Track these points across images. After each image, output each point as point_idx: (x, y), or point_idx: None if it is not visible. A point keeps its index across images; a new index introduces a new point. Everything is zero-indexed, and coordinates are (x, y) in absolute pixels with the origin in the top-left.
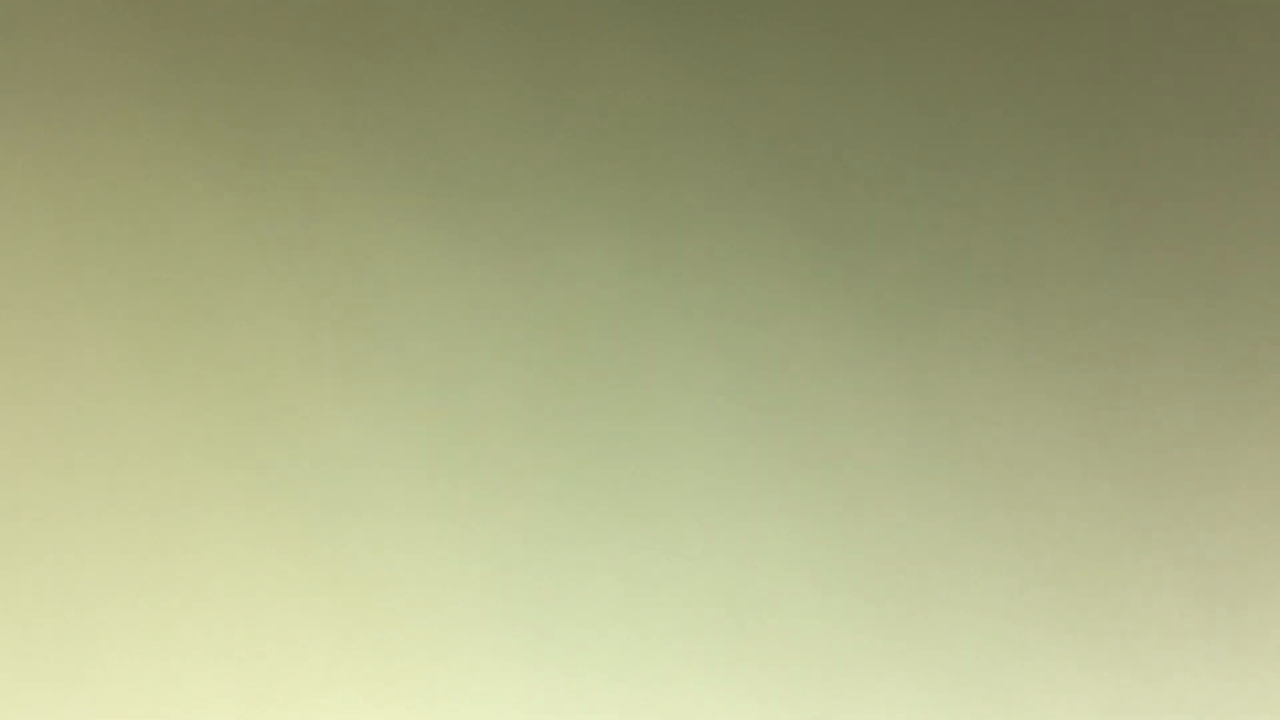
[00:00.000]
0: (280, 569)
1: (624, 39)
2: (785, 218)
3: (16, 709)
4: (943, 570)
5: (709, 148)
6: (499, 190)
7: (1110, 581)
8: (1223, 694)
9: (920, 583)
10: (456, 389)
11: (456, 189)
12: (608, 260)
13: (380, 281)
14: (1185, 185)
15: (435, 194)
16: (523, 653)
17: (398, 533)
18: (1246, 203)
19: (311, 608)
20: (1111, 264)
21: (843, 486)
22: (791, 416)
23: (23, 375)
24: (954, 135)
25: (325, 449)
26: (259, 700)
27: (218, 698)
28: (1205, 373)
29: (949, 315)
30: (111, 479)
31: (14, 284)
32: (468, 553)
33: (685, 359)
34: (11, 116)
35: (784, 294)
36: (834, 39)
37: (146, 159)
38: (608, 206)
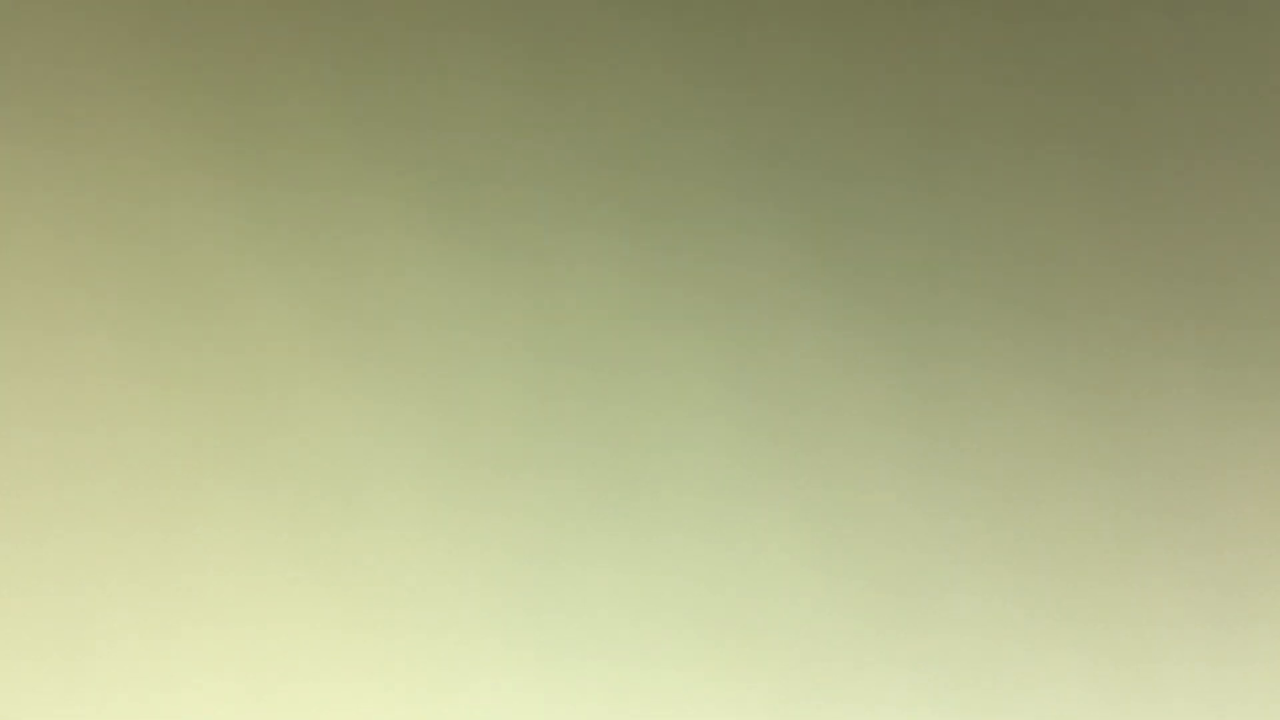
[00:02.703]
0: (281, 564)
1: (624, 34)
2: (786, 211)
3: (18, 709)
4: (944, 563)
5: (709, 142)
6: (499, 186)
7: (1113, 575)
8: (1226, 691)
9: (921, 575)
10: (457, 385)
11: (456, 184)
12: (607, 255)
13: (381, 279)
14: (1190, 178)
15: (435, 190)
16: (524, 644)
17: (399, 528)
18: (1253, 194)
19: (312, 602)
20: (1116, 257)
21: (844, 480)
22: (792, 411)
23: (22, 374)
24: (955, 128)
25: (325, 445)
26: (259, 692)
27: (217, 691)
28: (1209, 366)
29: (950, 309)
30: (112, 476)
31: (12, 283)
32: (468, 548)
33: (685, 353)
34: (10, 115)
35: (785, 287)
36: (835, 33)
37: (144, 160)
38: (607, 202)
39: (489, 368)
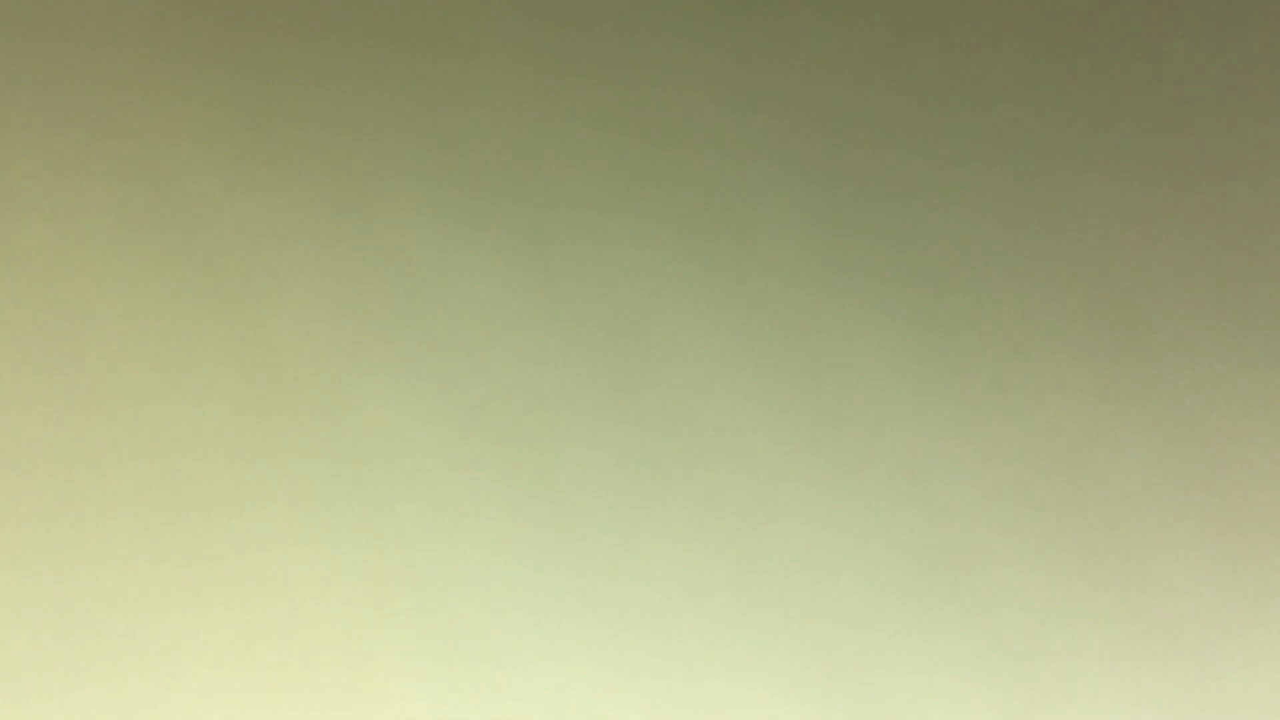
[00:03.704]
0: (308, 560)
1: (660, 12)
2: (821, 197)
3: (42, 707)
4: (985, 536)
5: (744, 121)
6: (526, 181)
7: (1158, 549)
8: (1257, 672)
9: (962, 548)
10: (488, 381)
11: (482, 178)
12: (636, 248)
13: (408, 274)
14: (1222, 169)
15: (460, 184)
16: (556, 640)
17: (427, 525)
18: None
19: (342, 596)
20: (1158, 237)
21: (885, 454)
22: (832, 387)
23: (46, 372)
24: (990, 104)
25: (350, 440)
26: (282, 685)
27: (243, 681)
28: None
29: (986, 282)
30: (138, 473)
31: (36, 281)
32: (499, 546)
33: (718, 347)
34: (15, 114)
35: (820, 271)
36: (869, 17)
37: (162, 156)
38: (635, 196)
39: (520, 365)
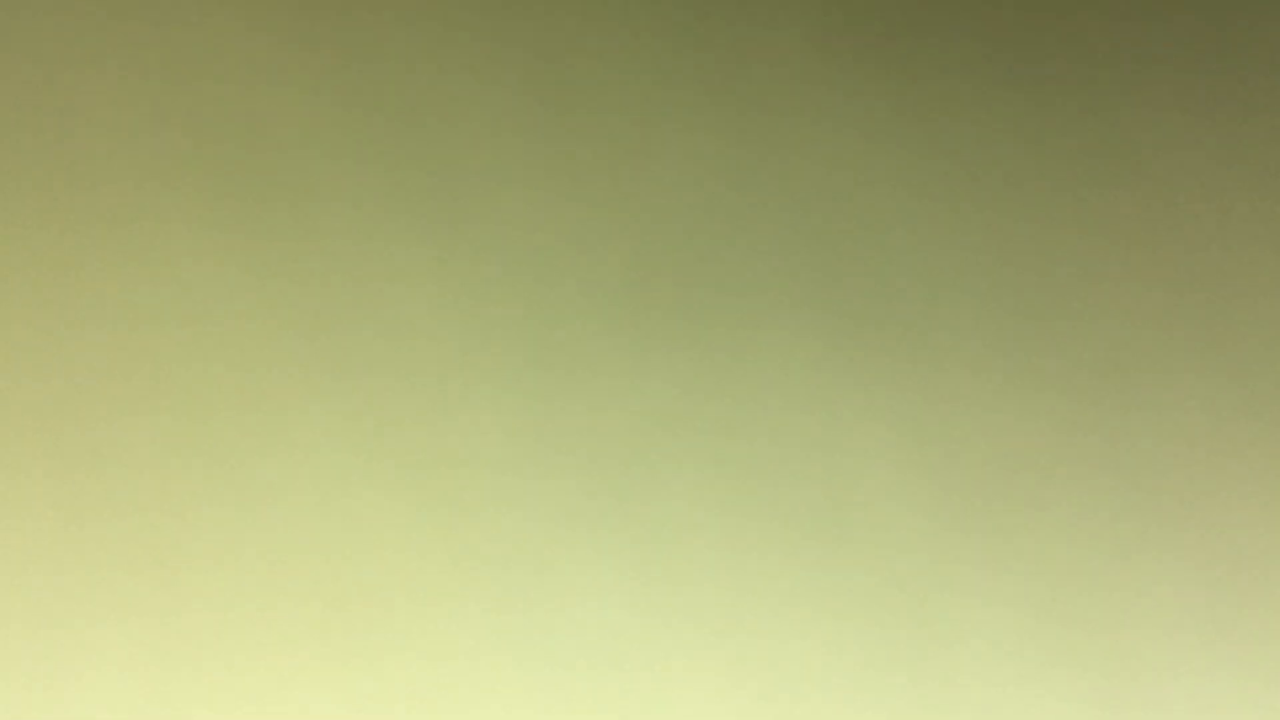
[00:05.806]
0: (270, 578)
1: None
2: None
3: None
4: (1032, 473)
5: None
6: (498, 199)
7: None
8: (1224, 699)
9: (1001, 483)
10: (453, 399)
11: (453, 196)
12: (605, 269)
13: (374, 291)
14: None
15: (430, 202)
16: (525, 667)
17: (399, 551)
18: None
19: (306, 620)
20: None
21: (938, 395)
22: (883, 323)
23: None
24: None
25: (315, 454)
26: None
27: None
28: None
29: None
30: (106, 485)
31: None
32: (470, 562)
33: (769, 265)
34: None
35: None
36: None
37: (139, 170)
38: (607, 215)
39: (486, 382)
